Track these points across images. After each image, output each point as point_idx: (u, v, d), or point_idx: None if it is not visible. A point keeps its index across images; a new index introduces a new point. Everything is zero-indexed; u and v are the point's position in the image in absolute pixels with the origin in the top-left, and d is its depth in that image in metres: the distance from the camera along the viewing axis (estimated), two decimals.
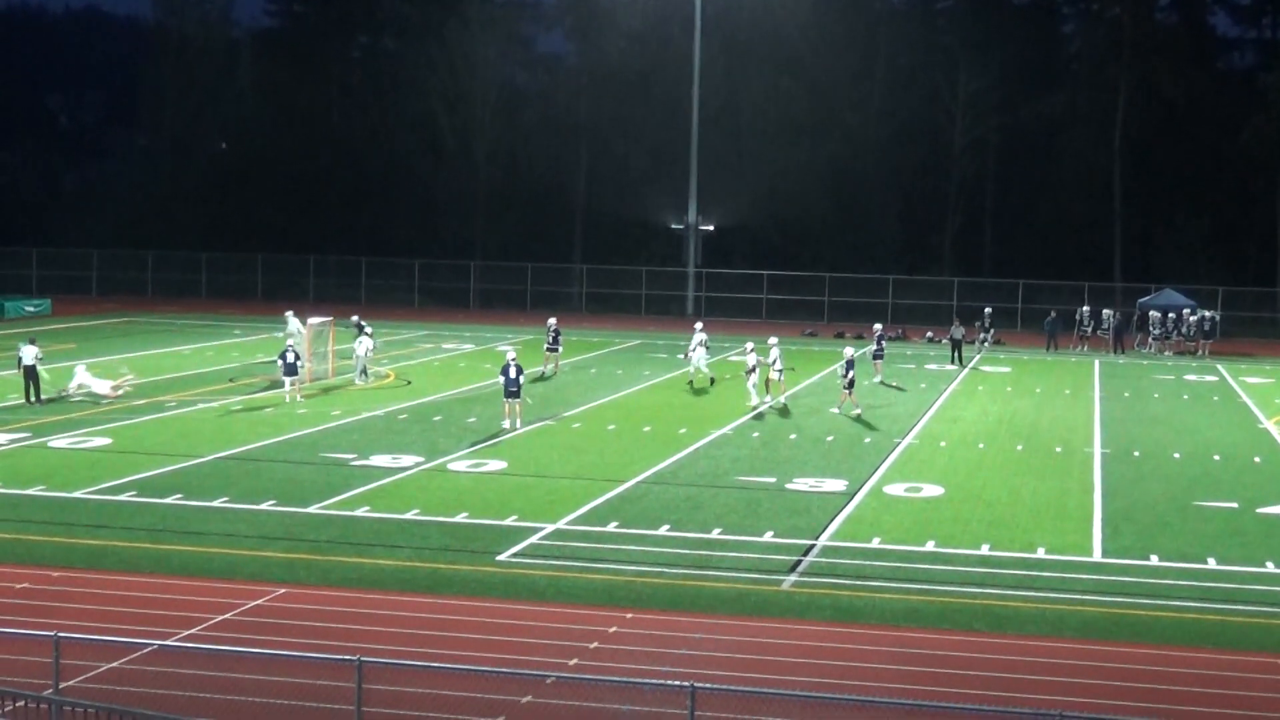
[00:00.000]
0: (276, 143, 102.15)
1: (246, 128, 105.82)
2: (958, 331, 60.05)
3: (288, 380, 43.99)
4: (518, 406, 39.86)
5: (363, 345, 49.53)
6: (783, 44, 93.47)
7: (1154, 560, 26.04)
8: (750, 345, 47.77)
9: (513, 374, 39.68)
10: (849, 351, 45.30)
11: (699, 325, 53.41)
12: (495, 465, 34.26)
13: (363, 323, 51.54)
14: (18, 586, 23.09)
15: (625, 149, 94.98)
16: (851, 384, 43.78)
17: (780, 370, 45.54)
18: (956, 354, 59.14)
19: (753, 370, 45.39)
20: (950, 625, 22.01)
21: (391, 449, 35.98)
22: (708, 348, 51.23)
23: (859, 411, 43.42)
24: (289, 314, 53.55)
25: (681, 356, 53.31)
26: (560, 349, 53.21)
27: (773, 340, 46.91)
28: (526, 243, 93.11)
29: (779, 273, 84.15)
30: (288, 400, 43.57)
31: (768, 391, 45.58)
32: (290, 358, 43.95)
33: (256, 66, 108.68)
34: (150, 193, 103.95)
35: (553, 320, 54.64)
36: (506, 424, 39.52)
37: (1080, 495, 32.01)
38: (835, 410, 43.95)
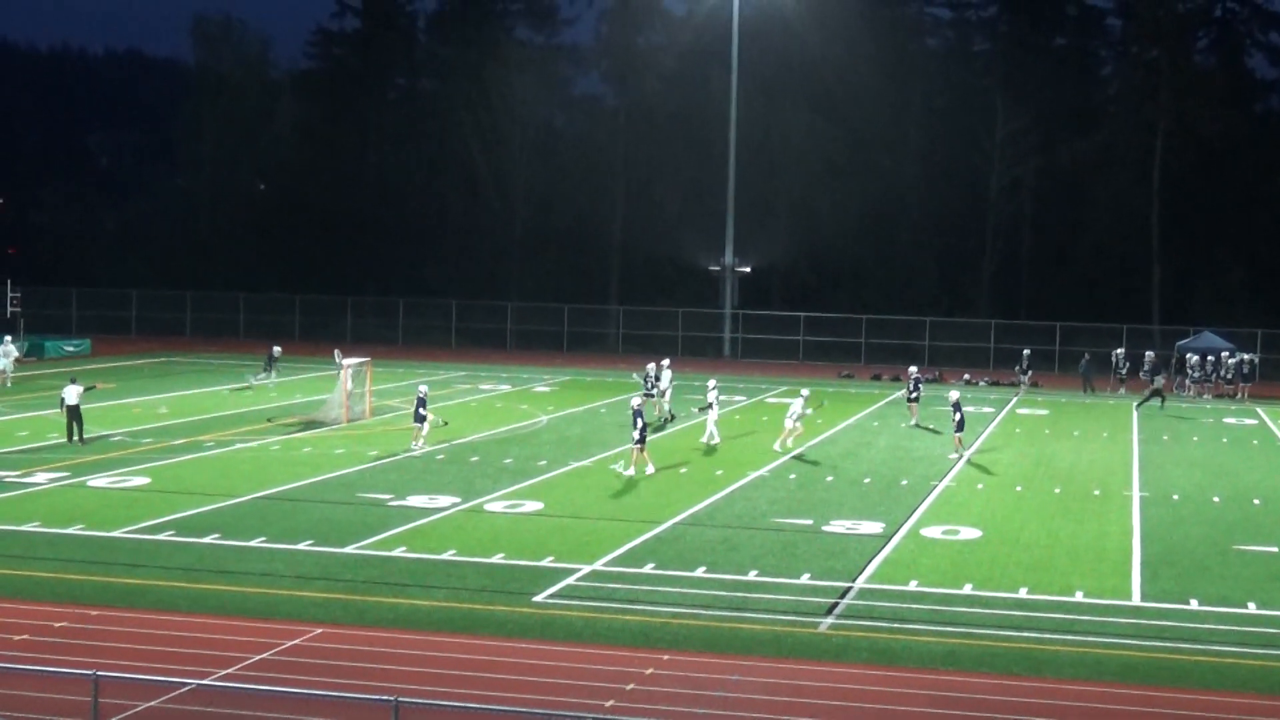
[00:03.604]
0: (314, 183, 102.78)
1: (285, 168, 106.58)
2: (1158, 380, 59.93)
3: (417, 426, 43.33)
4: (644, 454, 39.62)
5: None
6: (819, 85, 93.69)
7: (1194, 604, 25.87)
8: (713, 382, 47.77)
9: (642, 421, 39.55)
10: (954, 395, 45.33)
11: (666, 362, 53.05)
12: (532, 506, 34.26)
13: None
14: (56, 625, 23.17)
15: (662, 190, 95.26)
16: (961, 425, 43.73)
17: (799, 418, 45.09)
18: (1159, 399, 58.65)
19: (709, 406, 45.45)
20: (988, 669, 21.89)
21: (428, 489, 36.02)
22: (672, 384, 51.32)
23: (955, 455, 43.53)
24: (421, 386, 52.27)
25: (655, 393, 52.00)
26: (655, 394, 51.59)
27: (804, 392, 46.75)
28: (563, 283, 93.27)
29: (815, 314, 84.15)
30: (414, 447, 43.00)
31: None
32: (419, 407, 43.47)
33: (295, 108, 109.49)
34: (189, 233, 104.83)
35: (651, 366, 53.83)
36: (633, 471, 39.17)
37: (1119, 538, 31.84)
38: (954, 455, 43.76)
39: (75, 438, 42.45)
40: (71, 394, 42.88)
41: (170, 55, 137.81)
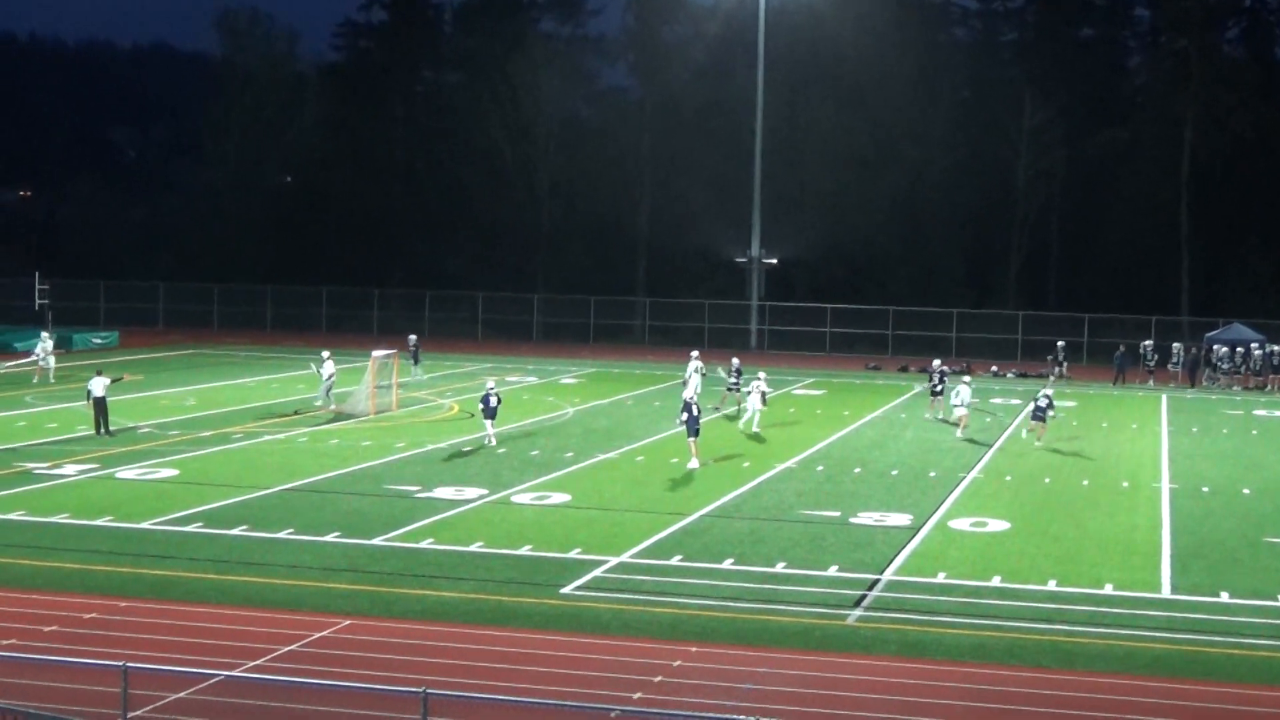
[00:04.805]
0: (341, 176, 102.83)
1: (311, 161, 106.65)
2: None
3: (489, 423, 42.98)
4: (695, 445, 39.55)
5: (327, 369, 50.05)
6: (845, 77, 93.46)
7: (1224, 597, 25.74)
8: (762, 375, 48.14)
9: (695, 411, 39.58)
10: (1048, 391, 46.27)
11: (695, 353, 52.88)
12: (559, 498, 34.25)
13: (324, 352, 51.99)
14: (86, 616, 23.22)
15: (688, 182, 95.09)
16: (1041, 416, 44.46)
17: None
18: None
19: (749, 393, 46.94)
20: (1017, 661, 21.81)
21: (455, 481, 36.03)
22: (704, 375, 51.22)
23: (1039, 444, 44.31)
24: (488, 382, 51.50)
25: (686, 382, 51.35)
26: (740, 389, 51.04)
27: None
28: (589, 275, 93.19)
29: (842, 306, 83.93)
30: (489, 443, 42.40)
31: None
32: (493, 401, 42.98)
33: (321, 101, 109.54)
34: (215, 226, 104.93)
35: (736, 360, 53.60)
36: (694, 464, 39.13)
37: (1148, 531, 31.70)
38: (1037, 443, 44.44)
39: (102, 430, 42.59)
40: (98, 386, 43.02)
41: (197, 49, 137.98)
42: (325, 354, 51.40)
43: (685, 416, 39.54)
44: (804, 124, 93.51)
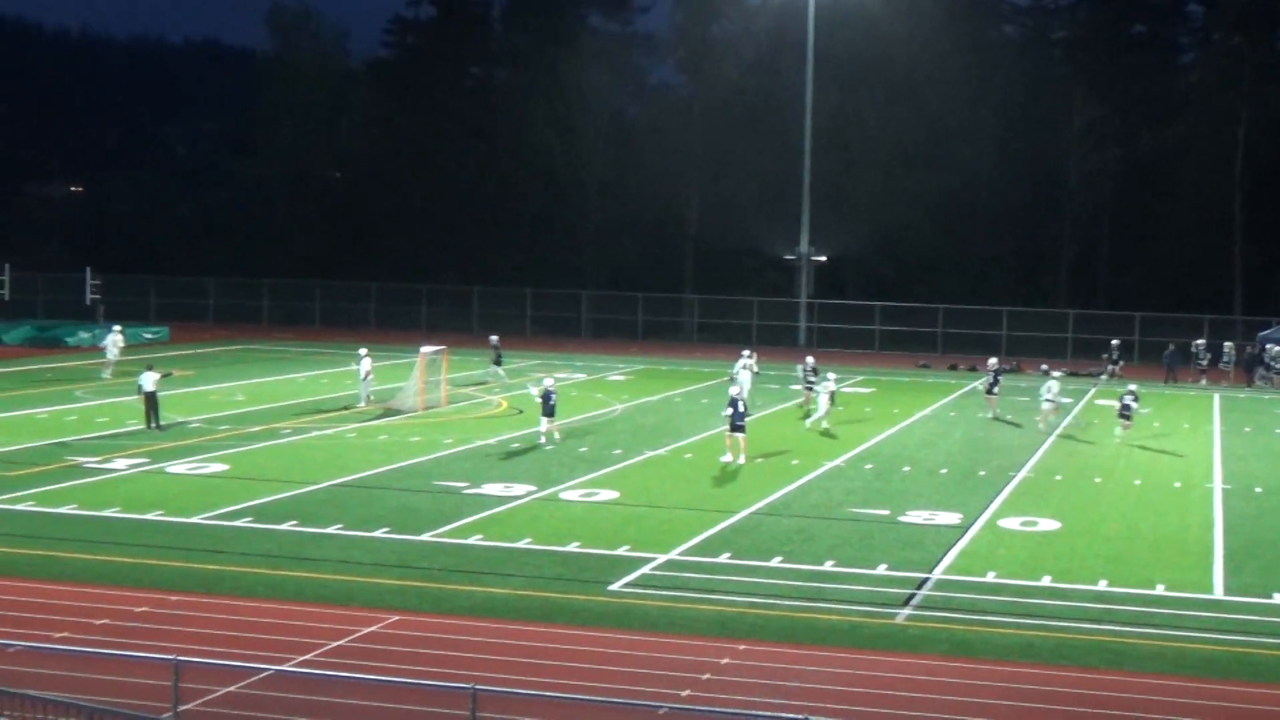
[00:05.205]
0: (389, 172, 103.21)
1: (360, 157, 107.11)
2: None
3: (545, 420, 42.57)
4: (741, 441, 39.47)
5: (365, 367, 50.04)
6: (895, 74, 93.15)
7: (1277, 599, 25.53)
8: (832, 376, 48.72)
9: (741, 408, 39.59)
10: (1133, 388, 46.71)
11: (747, 352, 52.96)
12: (607, 495, 34.26)
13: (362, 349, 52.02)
14: (137, 610, 23.36)
15: (737, 179, 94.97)
16: (1126, 414, 44.76)
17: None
18: None
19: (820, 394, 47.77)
20: (1067, 661, 21.69)
21: (504, 478, 36.08)
22: (755, 372, 51.22)
23: (1118, 439, 44.85)
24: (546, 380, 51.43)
25: (728, 377, 52.27)
26: (815, 388, 50.17)
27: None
28: (637, 272, 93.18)
29: (891, 304, 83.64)
30: (542, 441, 42.21)
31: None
32: (553, 400, 42.96)
33: (370, 97, 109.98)
34: (265, 221, 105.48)
35: (810, 359, 53.52)
36: (729, 459, 39.26)
37: (1200, 531, 31.48)
38: (1116, 438, 44.98)
39: (152, 424, 42.84)
40: (148, 380, 43.27)
41: (247, 45, 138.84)
42: (362, 351, 51.48)
43: (730, 411, 39.49)
44: (853, 121, 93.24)
